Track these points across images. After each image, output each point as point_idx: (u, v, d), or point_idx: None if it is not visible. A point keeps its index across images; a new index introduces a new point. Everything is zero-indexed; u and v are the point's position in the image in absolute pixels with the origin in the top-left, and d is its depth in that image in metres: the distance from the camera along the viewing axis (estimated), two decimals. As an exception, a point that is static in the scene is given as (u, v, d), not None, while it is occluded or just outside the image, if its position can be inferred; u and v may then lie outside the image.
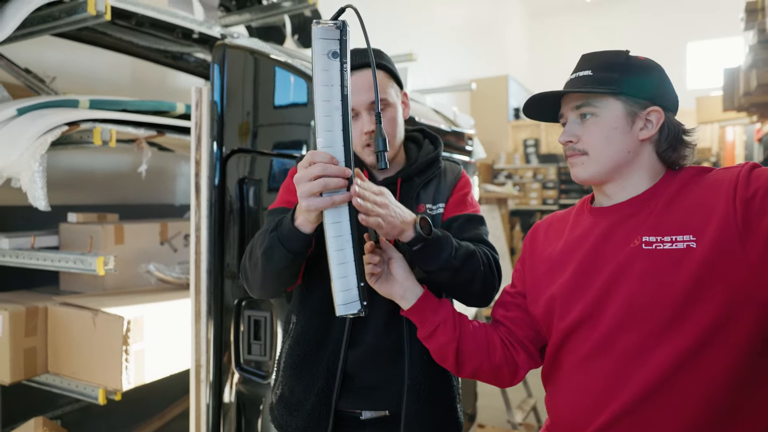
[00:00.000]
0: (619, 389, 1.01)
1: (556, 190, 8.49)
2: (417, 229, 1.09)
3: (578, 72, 1.10)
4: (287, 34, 3.33)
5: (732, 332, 0.95)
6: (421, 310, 1.15)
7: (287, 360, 1.28)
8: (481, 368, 1.18)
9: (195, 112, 1.72)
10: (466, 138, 2.46)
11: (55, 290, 2.33)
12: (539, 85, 10.98)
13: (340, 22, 0.97)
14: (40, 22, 1.97)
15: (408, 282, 1.15)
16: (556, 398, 1.15)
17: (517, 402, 3.65)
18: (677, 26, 10.63)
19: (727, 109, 5.05)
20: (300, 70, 1.71)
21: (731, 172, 0.99)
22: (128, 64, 2.95)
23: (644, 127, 1.06)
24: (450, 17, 7.55)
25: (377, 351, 1.24)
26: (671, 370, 0.96)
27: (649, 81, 1.06)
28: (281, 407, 1.28)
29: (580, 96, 1.08)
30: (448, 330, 1.14)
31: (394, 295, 1.14)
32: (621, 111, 1.05)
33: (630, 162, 1.07)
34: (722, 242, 0.94)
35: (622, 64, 1.07)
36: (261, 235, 1.14)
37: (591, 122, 1.07)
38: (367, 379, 1.24)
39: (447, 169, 1.36)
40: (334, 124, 0.98)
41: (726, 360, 0.95)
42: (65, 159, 2.65)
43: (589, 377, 1.05)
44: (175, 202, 3.23)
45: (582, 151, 1.09)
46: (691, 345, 0.96)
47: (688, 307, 0.96)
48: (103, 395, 1.88)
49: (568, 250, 1.14)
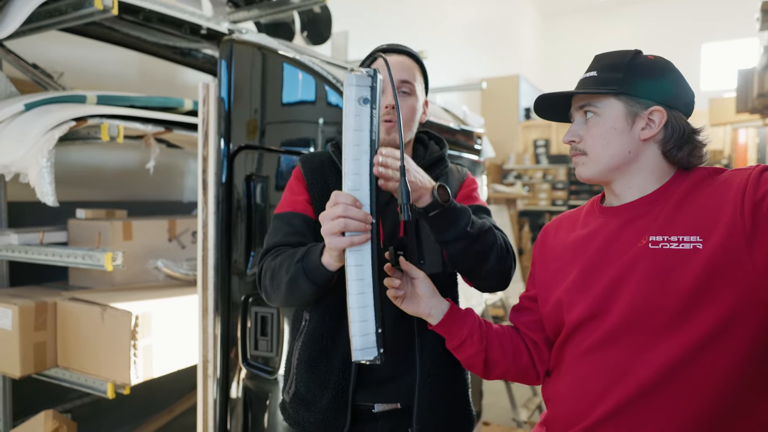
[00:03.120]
0: (617, 384, 1.01)
1: (565, 191, 8.44)
2: (435, 195, 1.09)
3: (587, 72, 1.11)
4: (296, 30, 3.33)
5: (735, 334, 0.94)
6: (448, 325, 1.18)
7: (301, 356, 1.28)
8: (508, 372, 1.22)
9: (202, 109, 1.72)
10: (475, 137, 2.44)
11: (64, 285, 2.35)
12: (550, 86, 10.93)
13: (372, 70, 1.01)
14: (46, 16, 1.98)
15: (433, 300, 1.17)
16: (555, 391, 1.16)
17: (522, 400, 3.64)
18: (692, 27, 10.53)
19: (741, 111, 5.00)
20: (308, 67, 1.70)
21: (742, 174, 0.98)
22: (136, 60, 2.95)
23: (646, 127, 1.05)
24: (461, 17, 7.53)
25: (390, 344, 1.24)
26: (670, 368, 0.96)
27: (653, 81, 1.05)
28: (296, 404, 1.28)
29: (584, 96, 1.09)
30: (475, 342, 1.18)
31: (420, 313, 1.17)
32: (621, 111, 1.05)
33: (631, 162, 1.07)
34: (729, 244, 0.94)
35: (627, 64, 1.06)
36: (286, 259, 1.16)
37: (592, 122, 1.08)
38: (380, 372, 1.25)
39: (453, 170, 1.38)
40: (361, 168, 1.00)
41: (726, 361, 0.94)
42: (74, 155, 2.66)
43: (588, 371, 1.06)
44: (183, 198, 3.24)
45: (582, 151, 1.10)
46: (692, 344, 0.95)
47: (692, 308, 0.95)
48: (112, 389, 1.88)
49: (577, 249, 1.14)
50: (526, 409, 3.50)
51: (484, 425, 3.08)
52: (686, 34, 10.58)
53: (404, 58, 1.28)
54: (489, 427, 3.08)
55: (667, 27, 10.74)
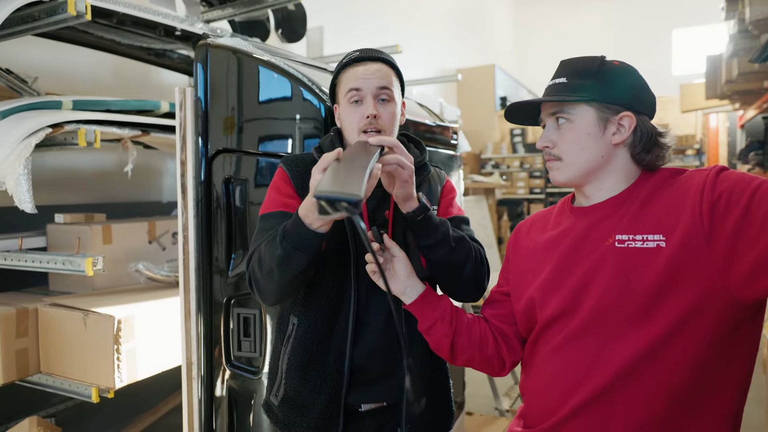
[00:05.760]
0: (587, 376, 1.06)
1: (542, 179, 8.55)
2: (422, 200, 1.15)
3: (555, 79, 1.14)
4: (271, 28, 3.32)
5: (697, 327, 1.00)
6: (420, 306, 1.22)
7: (291, 362, 1.29)
8: (473, 359, 1.26)
9: (179, 113, 1.73)
10: (451, 132, 2.48)
11: (45, 290, 2.34)
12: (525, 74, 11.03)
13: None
14: (20, 22, 1.96)
15: (410, 280, 1.22)
16: (530, 385, 1.21)
17: (504, 389, 3.71)
18: (662, 14, 10.67)
19: (710, 97, 5.11)
20: (283, 69, 1.72)
21: (701, 174, 1.04)
22: (110, 62, 2.93)
23: (617, 132, 1.10)
24: (435, 7, 7.54)
25: (378, 346, 1.27)
26: (637, 359, 1.02)
27: (621, 87, 1.10)
28: (286, 408, 1.30)
29: (556, 103, 1.12)
30: (444, 325, 1.22)
31: (395, 290, 1.22)
32: (593, 117, 1.10)
33: (603, 165, 1.11)
34: (690, 242, 0.99)
35: (595, 70, 1.10)
36: (268, 244, 1.15)
37: (565, 128, 1.12)
38: (369, 373, 1.28)
39: (433, 175, 1.41)
40: None
41: (690, 351, 1.00)
42: (50, 159, 2.64)
43: (560, 365, 1.11)
44: (162, 199, 3.23)
45: (557, 157, 1.13)
46: (657, 337, 1.01)
47: (657, 303, 1.01)
48: (96, 394, 1.90)
49: (548, 248, 1.19)
50: (507, 397, 3.58)
51: (467, 415, 3.14)
52: (657, 21, 10.73)
53: (380, 65, 1.28)
54: (472, 417, 3.14)
55: (638, 14, 10.87)
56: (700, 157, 7.71)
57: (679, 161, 7.79)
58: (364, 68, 1.26)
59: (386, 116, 1.26)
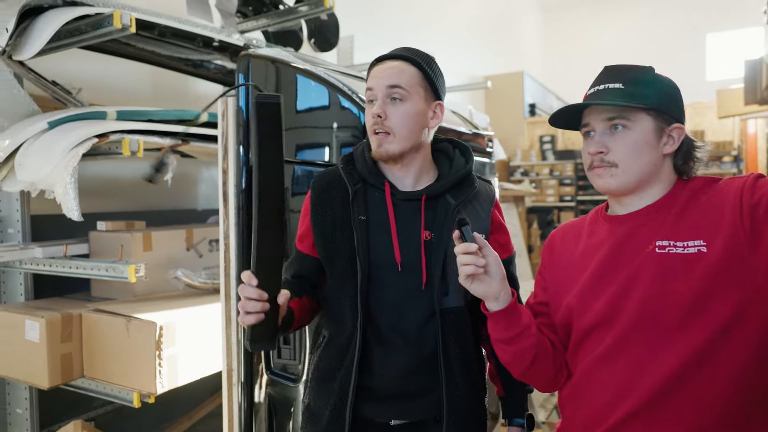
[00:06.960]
0: (632, 388, 1.04)
1: (573, 187, 8.44)
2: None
3: (607, 84, 1.12)
4: (304, 37, 3.36)
5: (743, 331, 0.99)
6: (511, 313, 1.13)
7: (314, 373, 1.31)
8: (546, 373, 1.19)
9: (221, 123, 1.76)
10: (487, 140, 2.47)
11: (87, 296, 2.39)
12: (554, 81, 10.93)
13: None
14: (67, 36, 2.02)
15: (504, 284, 1.12)
16: (570, 397, 1.18)
17: (540, 401, 3.65)
18: (695, 18, 10.48)
19: (749, 102, 4.99)
20: (321, 77, 1.73)
21: (738, 181, 1.05)
22: (148, 73, 3.00)
23: (667, 143, 1.11)
24: (463, 14, 7.54)
25: (407, 361, 1.23)
26: (682, 369, 1.00)
27: (673, 98, 1.12)
28: (306, 416, 1.32)
29: (612, 108, 1.10)
30: (531, 335, 1.15)
31: (489, 294, 1.11)
32: (651, 126, 1.10)
33: (654, 174, 1.11)
34: (732, 247, 0.99)
35: (651, 80, 1.11)
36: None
37: (622, 134, 1.10)
38: (396, 388, 1.24)
39: (481, 191, 1.31)
40: None
41: (736, 357, 0.99)
42: (91, 167, 2.71)
43: (603, 377, 1.09)
44: (197, 207, 3.28)
45: (611, 163, 1.11)
46: (701, 345, 1.00)
47: (700, 309, 1.00)
48: (138, 399, 1.93)
49: (585, 257, 1.17)
50: (543, 409, 3.52)
51: (502, 426, 3.10)
52: (690, 25, 10.54)
53: (396, 63, 1.22)
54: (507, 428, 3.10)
55: (670, 19, 10.69)
56: (738, 164, 7.53)
57: (716, 168, 7.62)
58: (381, 66, 1.23)
59: (397, 117, 1.19)
